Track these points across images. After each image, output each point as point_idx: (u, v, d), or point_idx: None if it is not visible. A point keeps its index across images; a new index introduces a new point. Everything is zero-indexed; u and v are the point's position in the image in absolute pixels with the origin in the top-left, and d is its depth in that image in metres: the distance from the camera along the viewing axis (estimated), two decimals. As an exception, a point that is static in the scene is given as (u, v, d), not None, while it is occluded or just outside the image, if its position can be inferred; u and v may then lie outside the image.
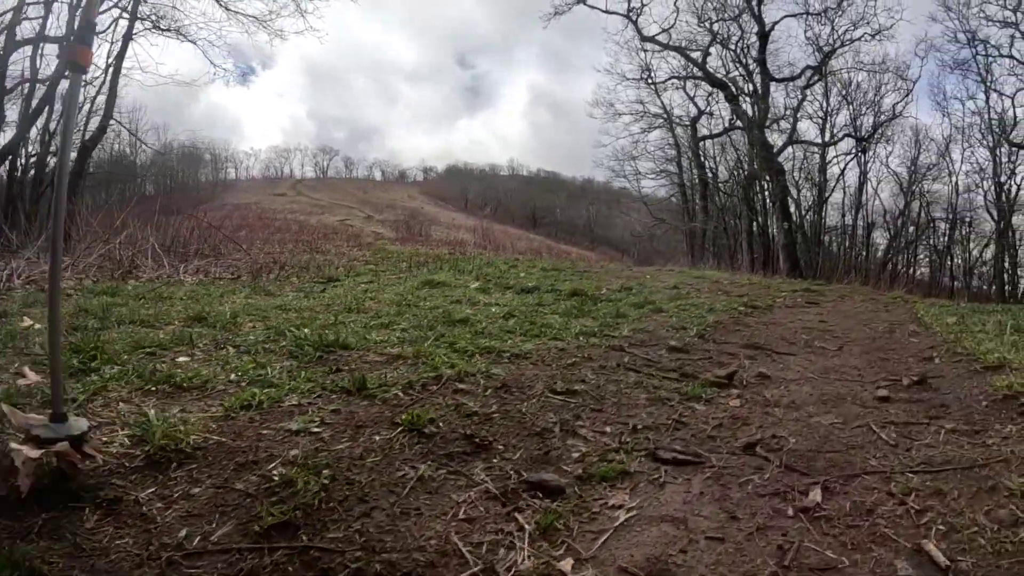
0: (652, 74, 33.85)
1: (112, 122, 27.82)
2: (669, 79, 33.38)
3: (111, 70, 25.94)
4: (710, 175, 37.52)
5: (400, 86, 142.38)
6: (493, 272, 13.78)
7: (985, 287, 33.63)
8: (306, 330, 6.06)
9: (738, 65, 31.94)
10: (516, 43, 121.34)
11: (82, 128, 26.64)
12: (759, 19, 30.61)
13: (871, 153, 34.61)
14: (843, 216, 36.10)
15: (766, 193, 32.98)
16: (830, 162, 34.78)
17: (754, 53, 30.79)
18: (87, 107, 26.73)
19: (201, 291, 9.57)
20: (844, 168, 34.53)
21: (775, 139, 32.47)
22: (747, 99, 31.59)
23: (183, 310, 7.27)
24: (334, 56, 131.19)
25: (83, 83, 26.43)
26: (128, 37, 26.15)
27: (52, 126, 25.49)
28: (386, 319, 7.22)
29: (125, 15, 26.12)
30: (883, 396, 4.82)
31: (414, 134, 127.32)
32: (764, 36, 30.25)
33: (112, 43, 26.17)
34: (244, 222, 39.49)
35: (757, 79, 31.45)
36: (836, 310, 10.59)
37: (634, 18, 31.98)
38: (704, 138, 36.46)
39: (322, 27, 34.82)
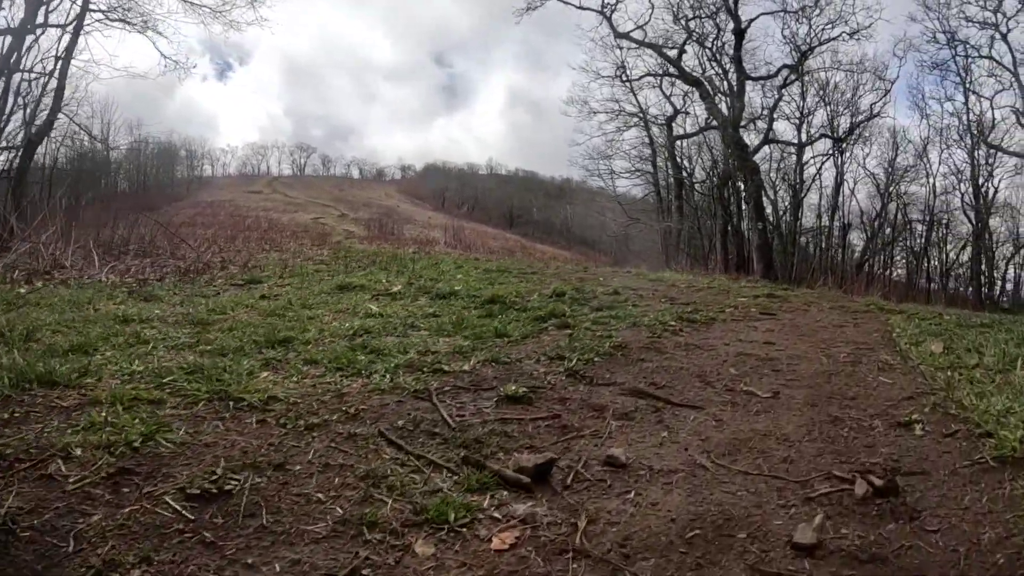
0: (627, 72, 32.46)
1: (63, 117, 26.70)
2: (644, 76, 32.06)
3: (60, 63, 24.45)
4: (686, 175, 36.35)
5: (378, 84, 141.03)
6: (431, 272, 13.02)
7: (962, 289, 32.68)
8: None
9: (714, 64, 30.70)
10: (494, 42, 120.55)
11: (28, 122, 25.22)
12: (735, 16, 29.41)
13: (848, 154, 33.75)
14: (819, 217, 35.15)
15: (741, 193, 31.73)
16: (807, 163, 33.85)
17: (730, 51, 29.56)
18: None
19: (80, 296, 8.92)
20: (820, 168, 33.52)
21: (751, 139, 31.34)
22: (722, 98, 30.33)
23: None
24: (312, 53, 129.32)
25: (34, 76, 25.43)
26: (79, 29, 24.78)
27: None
28: (194, 337, 6.45)
29: (77, 5, 24.84)
30: (806, 544, 2.84)
31: (392, 133, 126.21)
32: (740, 33, 29.05)
33: (62, 35, 24.74)
34: (215, 219, 38.59)
35: (733, 78, 30.14)
36: (793, 324, 8.94)
37: (608, 14, 30.65)
38: (679, 137, 35.39)
39: (273, 16, 33.79)
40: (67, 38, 24.40)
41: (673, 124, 35.09)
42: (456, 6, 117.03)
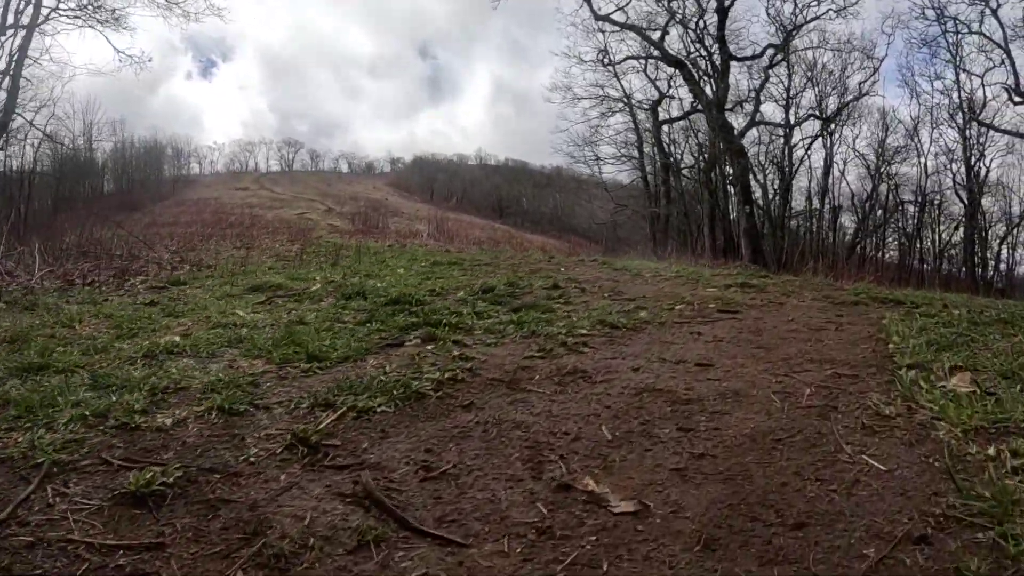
0: (610, 56, 31.37)
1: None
2: (626, 59, 30.98)
3: (13, 62, 23.67)
4: (673, 160, 35.36)
5: (360, 79, 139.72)
6: (375, 268, 11.99)
7: (955, 270, 31.78)
8: None
9: (697, 45, 29.62)
10: (476, 33, 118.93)
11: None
12: (719, -7, 28.28)
13: (837, 135, 32.82)
14: (809, 200, 34.15)
15: (728, 177, 30.76)
16: (795, 145, 32.82)
17: (713, 31, 28.41)
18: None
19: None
20: (808, 149, 32.55)
21: (738, 122, 30.38)
22: (707, 79, 29.30)
23: None
24: (292, 49, 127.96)
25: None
26: (33, 26, 23.96)
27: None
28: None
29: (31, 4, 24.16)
30: None
31: (377, 126, 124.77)
32: (723, 11, 28.01)
33: (16, 33, 23.98)
34: (198, 218, 37.81)
35: (717, 59, 29.10)
36: (755, 329, 6.72)
37: (588, -4, 29.50)
38: (665, 122, 34.34)
39: (230, 5, 33.47)
40: (14, 37, 23.57)
41: (659, 109, 34.01)
42: None
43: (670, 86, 32.42)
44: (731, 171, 29.62)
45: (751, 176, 31.88)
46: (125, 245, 16.77)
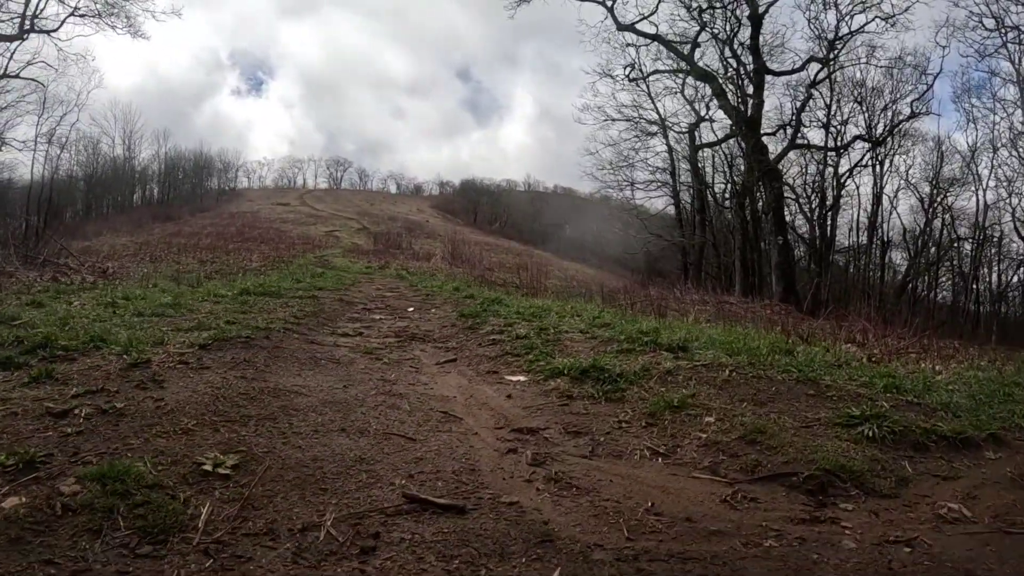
0: (639, 70, 28.34)
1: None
2: (653, 72, 27.93)
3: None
4: (708, 187, 31.93)
5: (399, 99, 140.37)
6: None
7: (1015, 314, 27.07)
8: None
9: (731, 60, 26.33)
10: (512, 55, 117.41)
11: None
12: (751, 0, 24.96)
13: (888, 165, 28.61)
14: (856, 233, 30.09)
15: (761, 205, 27.21)
16: (842, 176, 28.86)
17: (747, 41, 25.08)
18: None
19: None
20: (852, 174, 28.58)
21: (776, 147, 26.74)
22: (737, 94, 25.98)
23: None
24: (331, 69, 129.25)
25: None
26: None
27: None
28: None
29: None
30: None
31: (421, 147, 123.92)
32: (757, 19, 24.73)
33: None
34: (224, 231, 36.84)
35: (751, 70, 25.76)
36: None
37: (610, 4, 26.63)
38: (702, 146, 30.89)
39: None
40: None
41: (696, 132, 30.72)
42: (461, 15, 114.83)
43: (708, 108, 29.26)
44: (764, 196, 26.03)
45: (789, 205, 28.31)
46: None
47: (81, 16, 24.95)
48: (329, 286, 14.17)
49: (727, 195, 32.37)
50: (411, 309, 11.52)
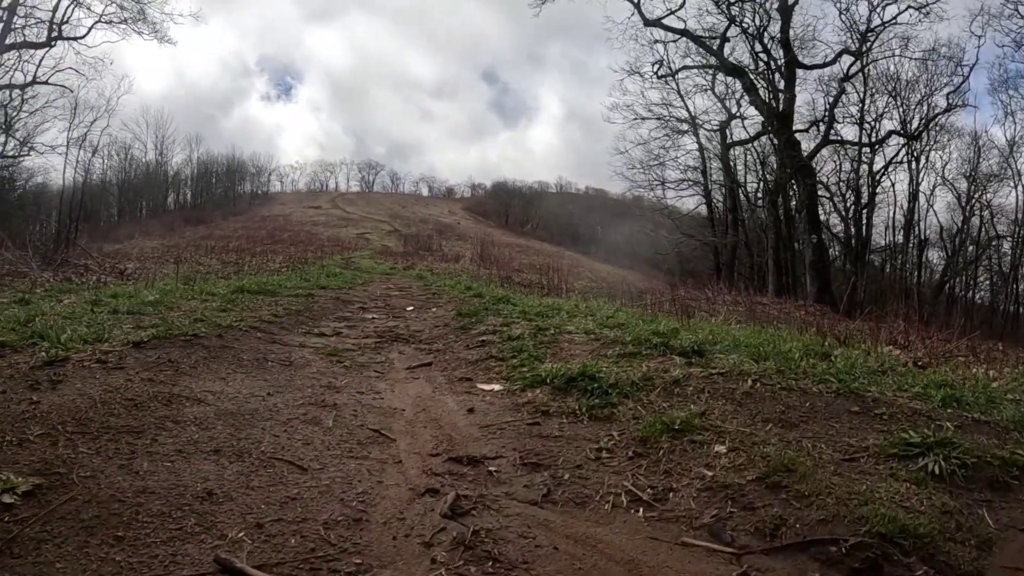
0: (667, 66, 26.91)
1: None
2: (682, 68, 26.50)
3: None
4: (740, 186, 30.38)
5: (426, 102, 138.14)
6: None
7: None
8: None
9: (760, 54, 24.78)
10: (538, 56, 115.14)
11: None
12: (781, -10, 23.47)
13: (924, 161, 26.73)
14: (892, 232, 28.21)
15: (794, 203, 25.60)
16: (877, 173, 27.05)
17: (777, 33, 23.53)
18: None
19: None
20: (887, 169, 26.70)
21: (809, 145, 25.15)
22: (768, 89, 24.45)
23: None
24: (357, 72, 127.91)
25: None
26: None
27: None
28: None
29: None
30: None
31: (449, 150, 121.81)
32: (787, 11, 23.13)
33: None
34: (254, 234, 36.55)
35: (781, 64, 24.23)
36: None
37: (636, 0, 25.25)
38: (733, 144, 29.29)
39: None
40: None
41: (727, 130, 29.18)
42: (485, 17, 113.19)
43: (739, 106, 27.71)
44: (797, 193, 24.42)
45: (823, 203, 26.63)
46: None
47: (107, 23, 24.55)
48: (334, 285, 13.13)
49: (759, 194, 30.74)
50: (410, 308, 10.40)
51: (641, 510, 2.89)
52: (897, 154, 27.76)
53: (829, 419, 3.86)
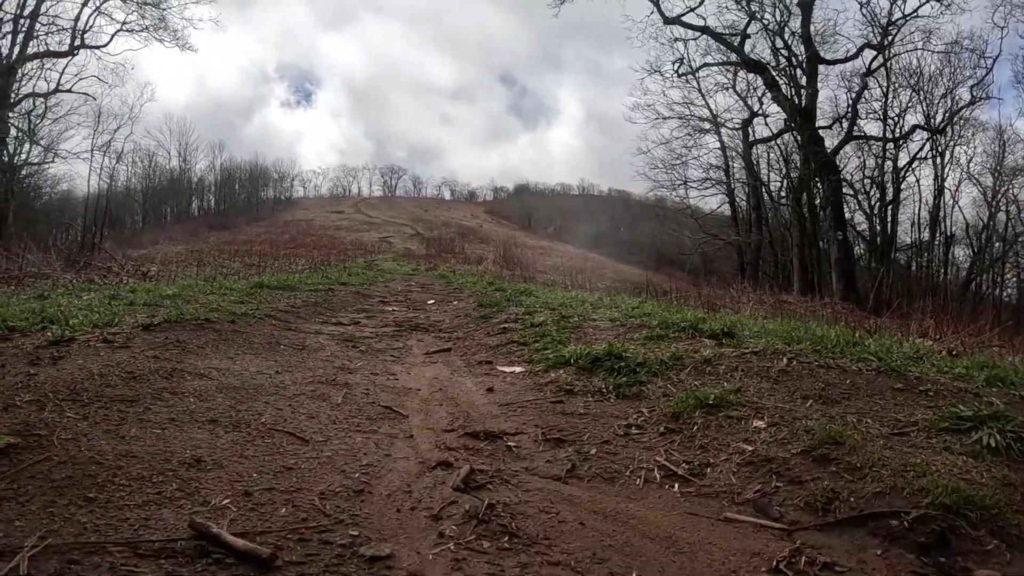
0: (688, 65, 26.48)
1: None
2: (702, 66, 26.04)
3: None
4: (763, 184, 29.83)
5: (444, 105, 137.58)
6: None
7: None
8: None
9: (781, 50, 24.26)
10: (554, 58, 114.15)
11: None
12: (800, -17, 22.99)
13: (948, 157, 26.01)
14: (918, 228, 27.49)
15: (818, 199, 25.03)
16: (902, 169, 26.40)
17: (798, 28, 23.03)
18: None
19: None
20: (911, 165, 25.97)
21: (832, 142, 24.59)
22: (790, 84, 23.93)
23: None
24: (374, 78, 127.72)
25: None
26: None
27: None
28: None
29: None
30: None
31: (469, 153, 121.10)
32: (807, 6, 22.73)
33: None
34: (278, 238, 36.73)
35: (803, 59, 23.71)
36: None
37: (656, -2, 24.85)
38: (756, 142, 28.77)
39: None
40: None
41: (749, 128, 28.67)
42: (500, 20, 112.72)
43: (761, 103, 27.22)
44: (821, 190, 23.85)
45: (847, 201, 26.03)
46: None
47: (129, 31, 24.57)
48: (355, 282, 12.91)
49: (783, 192, 30.16)
50: (431, 302, 10.15)
51: (677, 485, 2.60)
52: (921, 149, 27.12)
53: (872, 396, 3.54)
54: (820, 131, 24.30)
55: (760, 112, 28.11)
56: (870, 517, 2.27)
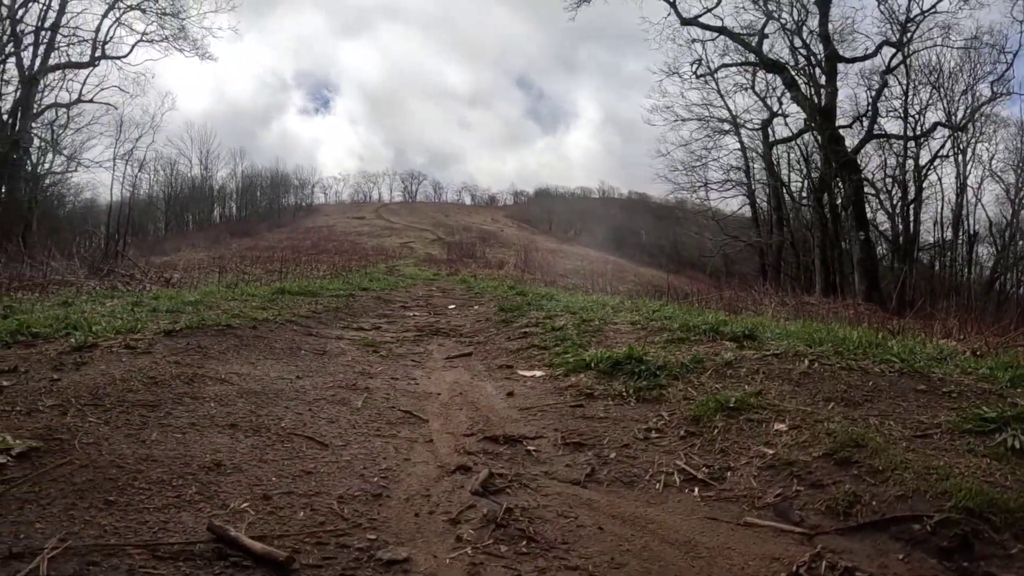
0: (707, 66, 26.33)
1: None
2: (721, 67, 25.93)
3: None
4: (784, 185, 29.58)
5: (461, 110, 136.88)
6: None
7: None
8: None
9: (799, 49, 24.06)
10: (570, 61, 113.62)
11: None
12: (817, -20, 22.81)
13: (970, 154, 25.62)
14: (941, 227, 27.05)
15: (840, 199, 24.75)
16: (923, 167, 26.04)
17: (816, 27, 22.83)
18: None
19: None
20: (933, 163, 25.59)
21: (852, 141, 24.33)
22: (809, 84, 23.73)
23: None
24: (391, 84, 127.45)
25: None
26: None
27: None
28: None
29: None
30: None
31: (488, 157, 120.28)
32: (825, 4, 22.58)
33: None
34: (300, 244, 37.02)
35: (822, 58, 23.51)
36: None
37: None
38: (776, 143, 28.52)
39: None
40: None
41: (769, 128, 28.43)
42: (515, 24, 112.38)
43: (780, 104, 26.98)
44: (842, 190, 23.58)
45: (869, 201, 25.71)
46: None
47: (149, 41, 24.88)
48: (376, 287, 12.94)
49: (804, 192, 29.88)
50: (452, 307, 10.16)
51: (696, 489, 2.58)
52: (943, 147, 26.80)
53: (895, 398, 3.49)
54: (840, 130, 24.03)
55: (780, 112, 27.90)
56: (892, 521, 2.24)
